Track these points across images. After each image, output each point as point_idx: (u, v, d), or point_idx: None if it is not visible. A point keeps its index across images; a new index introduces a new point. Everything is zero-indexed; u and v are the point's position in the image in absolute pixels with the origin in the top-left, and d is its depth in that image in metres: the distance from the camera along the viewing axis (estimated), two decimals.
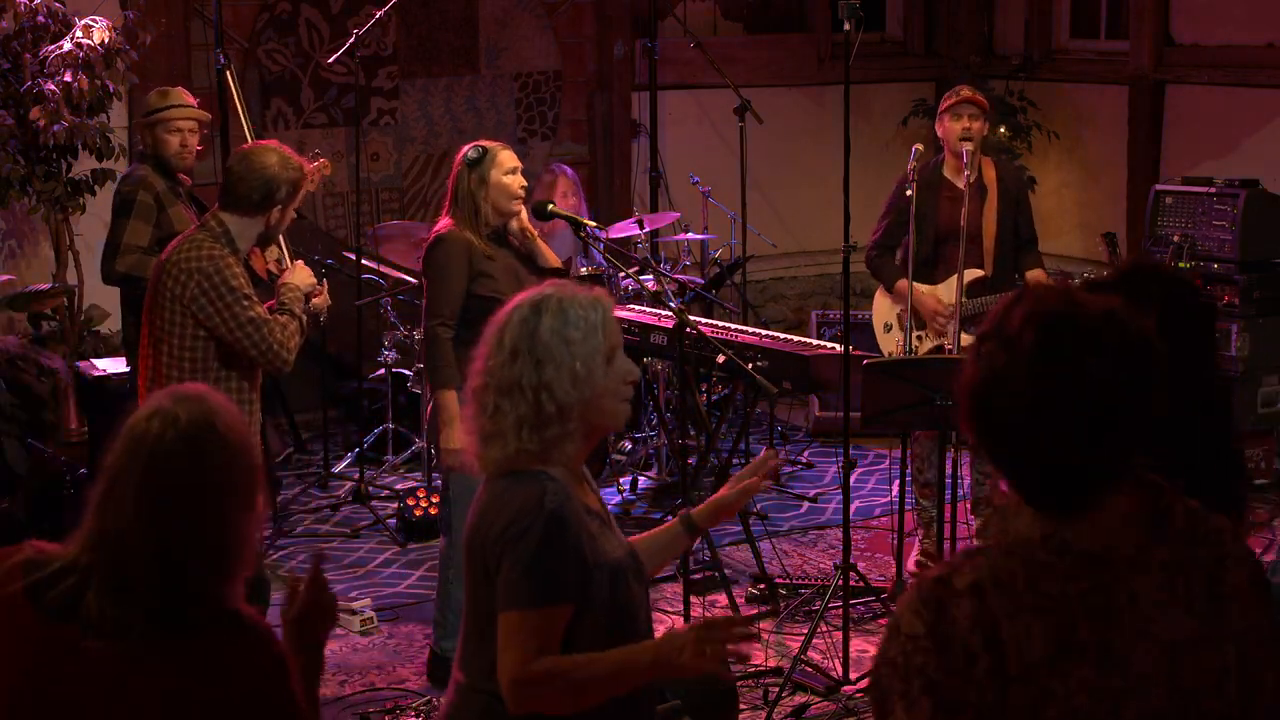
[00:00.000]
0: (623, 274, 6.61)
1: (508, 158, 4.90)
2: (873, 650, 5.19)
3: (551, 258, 5.06)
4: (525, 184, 4.95)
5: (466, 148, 4.92)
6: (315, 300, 4.59)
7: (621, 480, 6.97)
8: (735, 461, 6.83)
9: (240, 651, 2.20)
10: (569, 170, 7.50)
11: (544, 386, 2.59)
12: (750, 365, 5.20)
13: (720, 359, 5.23)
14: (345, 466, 7.19)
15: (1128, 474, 1.94)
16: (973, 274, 5.86)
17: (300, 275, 4.53)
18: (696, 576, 5.64)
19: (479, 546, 2.63)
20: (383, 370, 7.19)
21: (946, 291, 5.87)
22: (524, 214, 4.99)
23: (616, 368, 2.67)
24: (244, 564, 2.25)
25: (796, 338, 5.98)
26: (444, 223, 4.89)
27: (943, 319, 5.85)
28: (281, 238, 4.86)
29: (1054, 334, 1.88)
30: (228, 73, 6.27)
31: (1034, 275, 5.89)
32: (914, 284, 5.78)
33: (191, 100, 5.73)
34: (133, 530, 2.17)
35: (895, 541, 5.75)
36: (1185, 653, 1.90)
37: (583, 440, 2.67)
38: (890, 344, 6.05)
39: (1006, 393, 1.88)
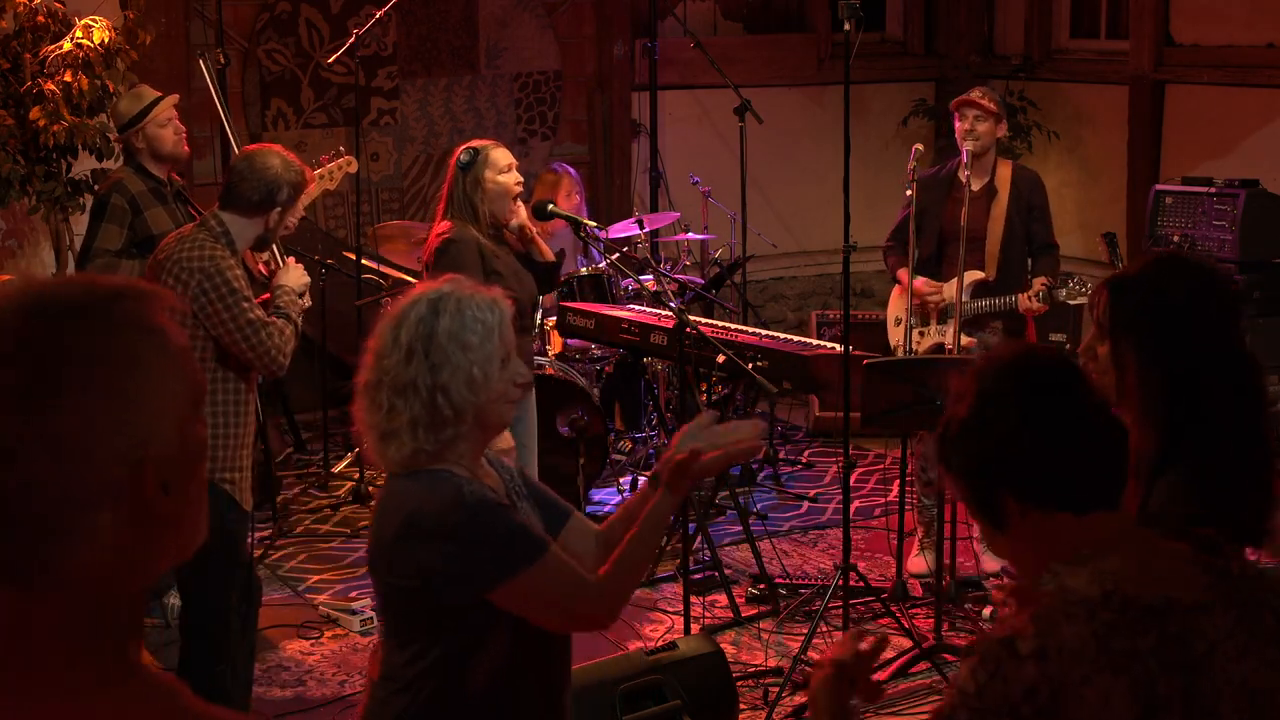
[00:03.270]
0: (609, 258, 6.61)
1: (500, 156, 4.90)
2: None
3: (546, 252, 5.09)
4: (521, 180, 4.95)
5: (459, 150, 4.93)
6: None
7: (621, 480, 6.97)
8: None
9: None
10: (573, 170, 7.50)
11: (440, 388, 2.58)
12: (750, 365, 5.20)
13: (720, 359, 5.22)
14: (345, 466, 7.19)
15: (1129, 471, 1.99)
16: (974, 276, 5.87)
17: (294, 275, 4.51)
18: (696, 576, 5.64)
19: (385, 542, 2.63)
20: None
21: (950, 291, 5.88)
22: (523, 211, 5.00)
23: (509, 371, 2.67)
24: None
25: (796, 338, 5.98)
26: (445, 224, 4.89)
27: (935, 299, 5.88)
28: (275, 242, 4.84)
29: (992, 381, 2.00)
30: (202, 66, 6.26)
31: (1034, 283, 5.86)
32: (914, 284, 5.80)
33: (156, 92, 5.70)
34: None
35: (895, 541, 5.76)
36: (1265, 700, 1.88)
37: (476, 440, 2.67)
38: (900, 337, 6.07)
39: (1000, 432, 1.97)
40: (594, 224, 5.48)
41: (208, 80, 6.20)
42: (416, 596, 2.59)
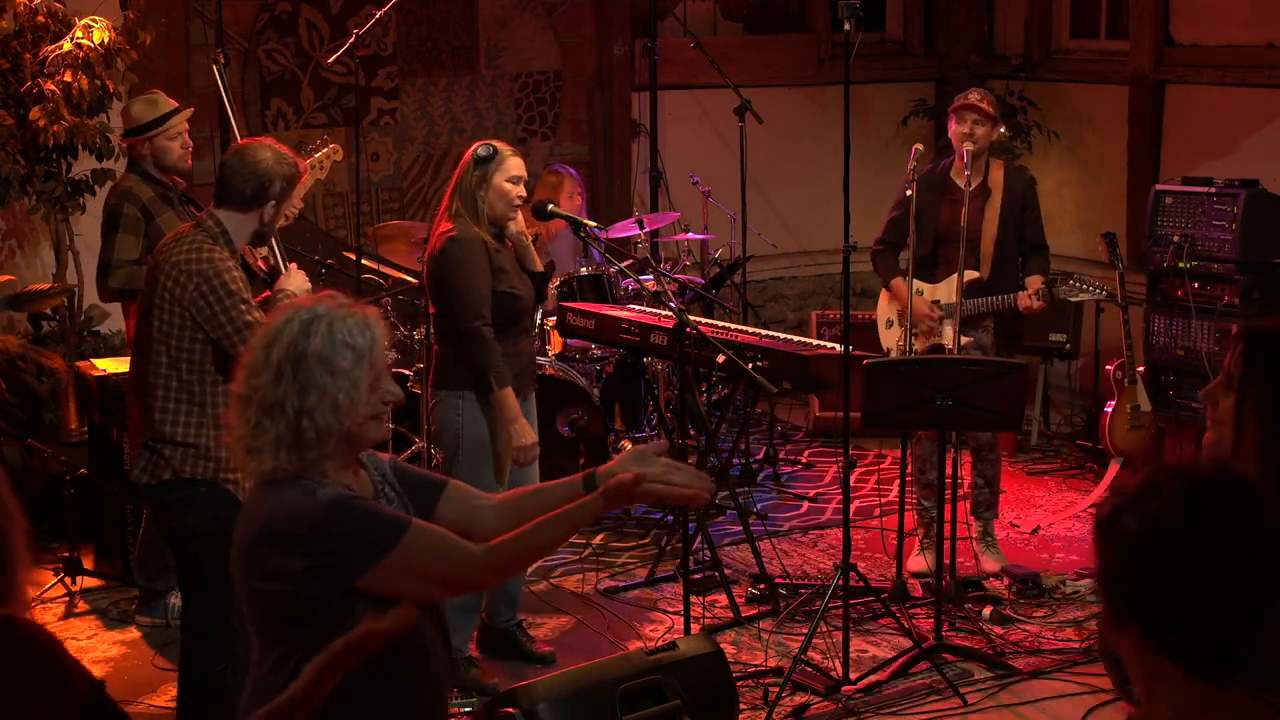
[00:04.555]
0: (617, 268, 6.61)
1: (515, 165, 4.94)
2: (873, 651, 5.20)
3: (537, 262, 5.11)
4: (524, 194, 4.98)
5: (479, 144, 4.97)
6: None
7: None
8: (735, 462, 6.84)
9: None
10: (574, 171, 7.51)
11: (305, 412, 2.58)
12: (750, 365, 5.20)
13: (720, 359, 5.22)
14: None
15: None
16: (968, 275, 5.87)
17: (296, 280, 4.50)
18: (696, 576, 5.64)
19: (246, 546, 2.64)
20: None
21: (945, 291, 5.88)
22: (521, 221, 5.04)
23: (380, 393, 2.67)
24: None
25: (796, 338, 5.98)
26: (447, 224, 4.92)
27: (930, 321, 5.88)
28: (272, 238, 4.83)
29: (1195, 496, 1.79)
30: (215, 71, 6.25)
31: (1031, 282, 5.86)
32: (913, 284, 5.80)
33: (173, 102, 5.69)
34: None
35: (895, 541, 5.77)
36: None
37: (343, 456, 2.68)
38: (891, 340, 6.07)
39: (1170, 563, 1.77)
40: (594, 224, 5.48)
41: (220, 85, 6.18)
42: (281, 599, 2.59)
